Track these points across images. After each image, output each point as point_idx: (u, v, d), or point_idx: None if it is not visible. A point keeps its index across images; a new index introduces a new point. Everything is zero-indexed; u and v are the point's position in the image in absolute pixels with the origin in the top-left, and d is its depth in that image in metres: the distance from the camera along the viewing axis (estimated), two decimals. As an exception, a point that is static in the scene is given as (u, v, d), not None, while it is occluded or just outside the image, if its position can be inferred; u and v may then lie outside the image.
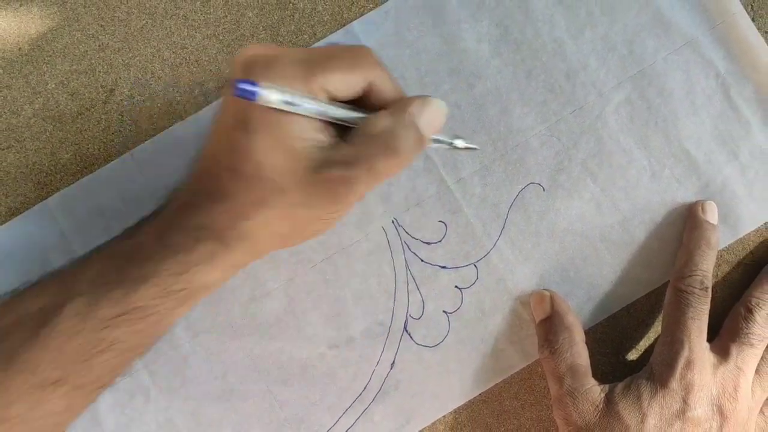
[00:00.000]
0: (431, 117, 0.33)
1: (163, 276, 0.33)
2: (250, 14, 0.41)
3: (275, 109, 0.30)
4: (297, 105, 0.30)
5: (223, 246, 0.33)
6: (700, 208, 0.40)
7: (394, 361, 0.41)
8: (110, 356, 0.33)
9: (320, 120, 0.32)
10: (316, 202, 0.32)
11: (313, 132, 0.32)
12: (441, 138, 0.35)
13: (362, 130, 0.32)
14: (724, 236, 0.41)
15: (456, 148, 0.36)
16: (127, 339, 0.34)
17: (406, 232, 0.41)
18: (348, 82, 0.32)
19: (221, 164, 0.32)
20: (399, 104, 0.33)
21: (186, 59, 0.41)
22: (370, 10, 0.41)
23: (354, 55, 0.33)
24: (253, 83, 0.29)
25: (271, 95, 0.29)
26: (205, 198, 0.33)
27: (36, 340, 0.32)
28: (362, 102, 0.33)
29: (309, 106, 0.31)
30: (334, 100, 0.32)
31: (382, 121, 0.32)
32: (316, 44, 0.41)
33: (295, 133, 0.31)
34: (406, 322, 0.41)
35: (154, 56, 0.41)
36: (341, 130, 0.33)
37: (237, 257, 0.34)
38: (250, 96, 0.29)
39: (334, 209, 0.33)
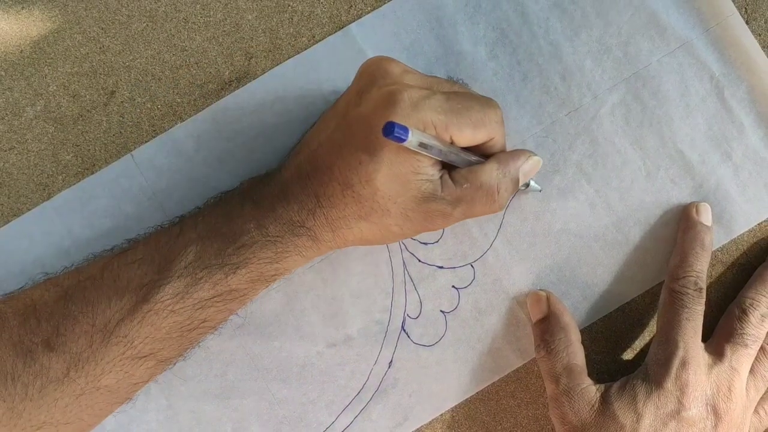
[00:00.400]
0: (530, 170, 0.38)
1: (260, 262, 0.35)
2: (250, 17, 0.41)
3: (406, 148, 0.33)
4: (429, 148, 0.33)
5: (316, 243, 0.36)
6: (694, 209, 0.40)
7: (391, 360, 0.41)
8: (197, 333, 0.36)
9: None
10: (411, 226, 0.36)
11: (428, 168, 0.34)
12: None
13: (472, 177, 0.35)
14: (718, 237, 0.41)
15: (526, 188, 0.40)
16: (215, 317, 0.36)
17: (404, 233, 0.41)
18: (474, 137, 0.35)
19: (335, 174, 0.34)
20: (506, 157, 0.37)
21: (186, 61, 0.41)
22: (368, 12, 0.41)
23: (486, 113, 0.35)
24: (406, 130, 0.30)
25: (413, 139, 0.31)
26: (310, 198, 0.35)
27: (135, 316, 0.34)
28: (474, 147, 0.36)
29: (437, 151, 0.33)
30: (454, 145, 0.35)
31: (492, 173, 0.36)
32: (315, 46, 0.41)
33: (415, 168, 0.34)
34: (403, 321, 0.41)
35: (154, 58, 0.41)
36: (447, 165, 0.36)
37: (322, 249, 0.37)
38: (400, 140, 0.30)
39: (421, 230, 0.37)
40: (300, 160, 0.36)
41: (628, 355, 0.42)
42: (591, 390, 0.37)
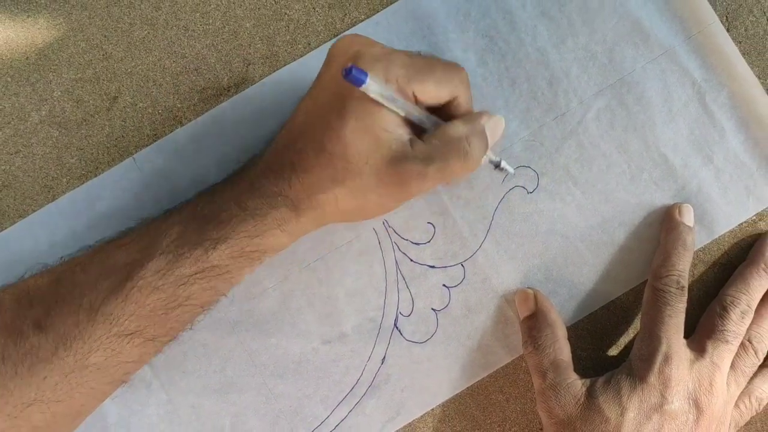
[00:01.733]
0: (495, 128, 0.38)
1: (239, 238, 0.35)
2: (248, 25, 0.41)
3: (371, 100, 0.33)
4: (391, 101, 0.33)
5: (295, 214, 0.35)
6: (676, 210, 0.40)
7: (384, 356, 0.41)
8: (182, 311, 0.35)
9: (404, 118, 0.35)
10: (386, 190, 0.35)
11: (396, 127, 0.34)
12: (491, 157, 0.39)
13: (439, 133, 0.35)
14: (699, 237, 0.41)
15: (499, 168, 0.40)
16: (200, 295, 0.35)
17: (396, 233, 0.41)
18: (437, 93, 0.35)
19: (308, 139, 0.35)
20: (471, 116, 0.37)
21: (186, 68, 0.41)
22: (362, 21, 0.41)
23: (449, 71, 0.36)
24: (364, 73, 0.31)
25: (374, 86, 0.32)
26: (287, 168, 0.35)
27: (119, 294, 0.34)
28: (439, 110, 0.37)
29: (399, 103, 0.34)
30: (419, 104, 0.35)
31: (458, 128, 0.35)
32: (311, 53, 0.41)
33: (383, 124, 0.34)
34: (396, 319, 0.41)
35: (155, 65, 0.41)
36: (416, 130, 0.36)
37: (304, 225, 0.36)
38: (358, 82, 0.31)
39: (400, 198, 0.36)
40: (278, 138, 0.36)
41: (613, 351, 0.42)
42: (577, 384, 0.37)
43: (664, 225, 0.41)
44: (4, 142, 0.41)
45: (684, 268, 0.39)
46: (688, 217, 0.40)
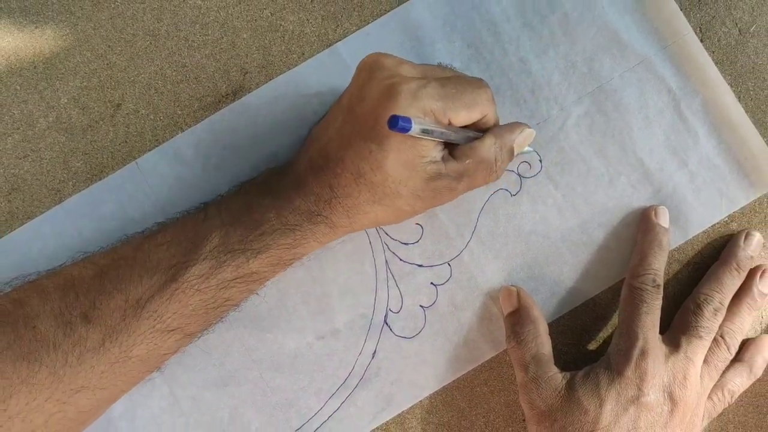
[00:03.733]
0: (524, 142, 0.38)
1: (279, 249, 0.36)
2: (245, 35, 0.41)
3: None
4: (430, 132, 0.33)
5: (332, 229, 0.36)
6: (653, 212, 0.40)
7: (375, 351, 0.41)
8: (221, 310, 0.36)
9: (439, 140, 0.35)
10: (421, 204, 0.36)
11: (431, 150, 0.35)
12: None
13: (472, 152, 0.36)
14: (674, 238, 0.41)
15: (522, 152, 0.40)
16: (237, 296, 0.36)
17: (386, 234, 0.41)
18: (470, 117, 0.36)
19: (347, 165, 0.34)
20: (501, 131, 0.37)
21: (186, 77, 0.41)
22: (353, 32, 0.41)
23: (477, 93, 0.36)
24: (409, 120, 0.31)
25: (416, 128, 0.31)
26: (325, 189, 0.35)
27: (164, 293, 0.34)
28: (470, 125, 0.37)
29: (438, 133, 0.34)
30: (452, 125, 0.35)
31: (490, 147, 0.36)
32: (305, 63, 0.41)
33: (420, 152, 0.34)
34: (386, 315, 0.41)
35: (157, 74, 0.41)
36: (449, 144, 0.36)
37: (338, 234, 0.37)
38: (404, 131, 0.31)
39: (430, 206, 0.37)
40: (312, 154, 0.36)
41: (592, 345, 0.42)
42: (557, 378, 0.37)
43: (640, 226, 0.41)
44: (14, 147, 0.41)
45: (660, 267, 0.39)
46: (663, 218, 0.40)
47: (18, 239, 0.41)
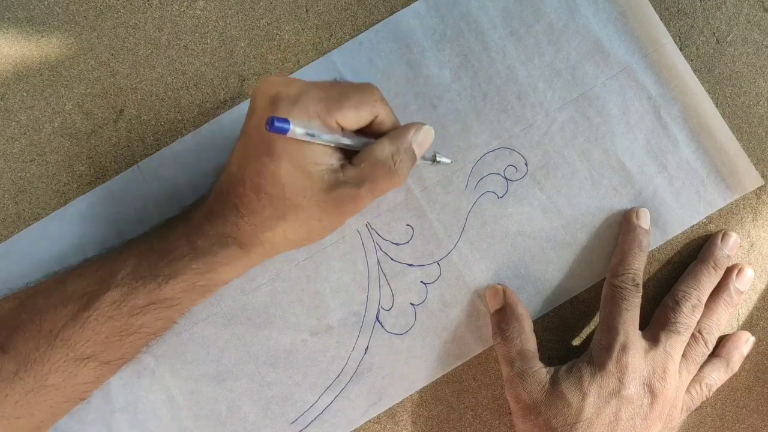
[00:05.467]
0: (423, 140, 0.36)
1: (190, 273, 0.35)
2: (242, 44, 0.42)
3: (297, 139, 0.32)
4: (317, 136, 0.32)
5: (244, 251, 0.35)
6: (634, 214, 0.40)
7: (367, 347, 0.41)
8: (136, 338, 0.35)
9: (332, 147, 0.34)
10: (326, 216, 0.34)
11: (326, 157, 0.33)
12: (425, 155, 0.37)
13: (368, 155, 0.34)
14: (654, 238, 0.41)
15: (436, 162, 0.39)
16: (152, 324, 0.35)
17: (378, 235, 0.41)
18: (358, 117, 0.34)
19: (246, 184, 0.34)
20: (397, 132, 0.35)
21: (186, 83, 0.41)
22: (347, 41, 0.41)
23: (363, 93, 0.34)
24: (286, 121, 0.30)
25: (298, 129, 0.30)
26: (231, 210, 0.34)
27: (76, 322, 0.34)
28: (366, 129, 0.35)
29: (326, 137, 0.33)
30: (345, 130, 0.34)
31: (384, 147, 0.34)
32: (300, 70, 0.41)
33: (313, 159, 0.33)
34: (378, 312, 0.41)
35: (158, 81, 0.41)
36: (347, 153, 0.35)
37: (253, 259, 0.36)
38: (282, 131, 0.30)
39: (340, 218, 0.36)
40: (219, 183, 0.36)
41: (575, 341, 0.42)
42: (542, 372, 0.38)
43: (622, 227, 0.41)
44: (21, 151, 0.41)
45: (639, 267, 0.39)
46: (644, 220, 0.40)
47: (25, 239, 0.41)
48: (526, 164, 0.41)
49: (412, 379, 0.41)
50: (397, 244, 0.41)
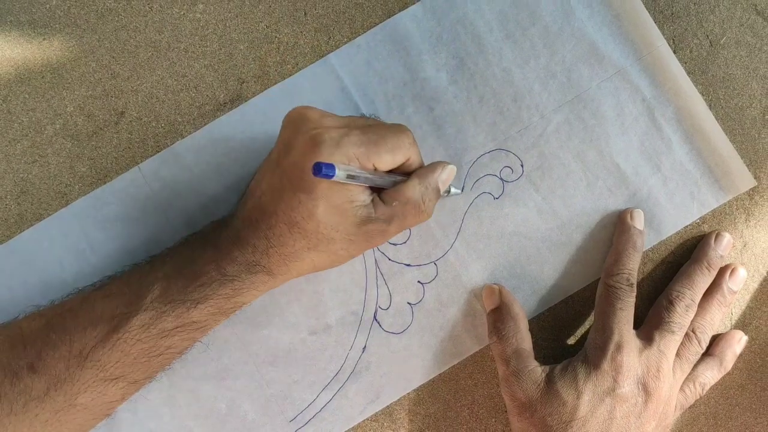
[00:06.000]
0: (447, 178, 0.38)
1: (218, 298, 0.35)
2: (242, 47, 0.42)
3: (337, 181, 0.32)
4: (356, 178, 0.33)
5: (271, 277, 0.36)
6: (628, 215, 0.40)
7: (365, 346, 0.41)
8: (163, 358, 0.36)
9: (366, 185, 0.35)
10: (355, 247, 0.36)
11: (359, 195, 0.35)
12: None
13: (399, 194, 0.36)
14: (648, 238, 0.41)
15: (449, 194, 0.41)
16: (179, 345, 0.36)
17: (376, 235, 0.41)
18: (393, 160, 0.35)
19: (280, 215, 0.34)
20: (425, 172, 0.37)
21: (186, 86, 0.42)
22: (344, 44, 0.41)
23: (399, 138, 0.35)
24: (332, 167, 0.30)
25: (340, 173, 0.31)
26: (261, 240, 0.35)
27: (106, 343, 0.34)
28: (396, 169, 0.36)
29: (363, 178, 0.33)
30: (378, 170, 0.35)
31: (415, 188, 0.36)
32: (299, 72, 0.41)
33: (348, 197, 0.34)
34: (375, 312, 0.41)
35: (158, 83, 0.42)
36: (377, 188, 0.36)
37: (278, 283, 0.37)
38: (328, 177, 0.30)
39: (365, 249, 0.37)
40: (248, 208, 0.36)
41: (571, 340, 0.42)
42: (537, 371, 0.38)
43: (616, 228, 0.41)
44: (23, 152, 0.41)
45: (633, 267, 0.39)
46: (638, 221, 0.40)
47: (27, 239, 0.41)
48: (522, 166, 0.41)
49: (410, 378, 0.41)
50: (394, 245, 0.41)
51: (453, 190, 0.41)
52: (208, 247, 0.36)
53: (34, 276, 0.40)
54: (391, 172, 0.36)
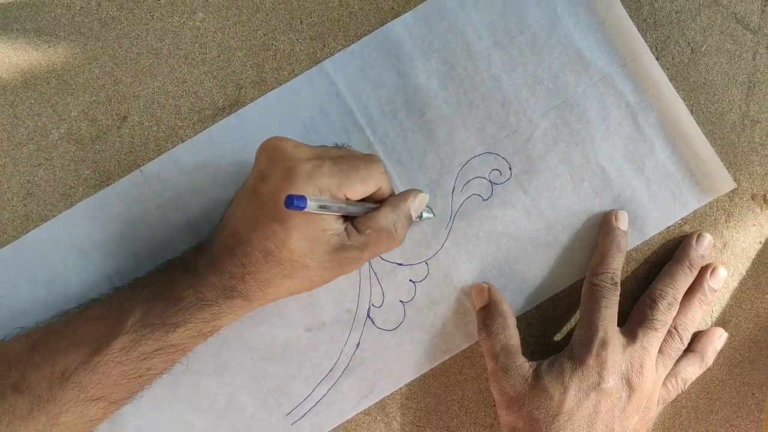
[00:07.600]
0: (419, 206, 0.38)
1: (197, 322, 0.35)
2: (239, 54, 0.42)
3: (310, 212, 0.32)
4: (328, 207, 0.33)
5: (248, 302, 0.36)
6: (613, 216, 0.41)
7: (359, 342, 0.41)
8: (143, 379, 0.36)
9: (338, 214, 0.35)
10: (329, 274, 0.36)
11: (333, 224, 0.35)
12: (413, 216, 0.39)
13: (371, 222, 0.36)
14: (632, 239, 0.41)
15: (421, 219, 0.40)
16: (158, 366, 0.36)
17: (369, 235, 0.41)
18: (365, 190, 0.35)
19: (255, 244, 0.34)
20: (396, 200, 0.37)
21: (186, 91, 0.42)
22: (339, 50, 0.42)
23: (370, 168, 0.35)
24: (303, 199, 0.30)
25: (312, 204, 0.31)
26: (237, 267, 0.35)
27: (88, 365, 0.34)
28: (367, 198, 0.36)
29: (336, 208, 0.34)
30: (350, 200, 0.35)
31: (387, 216, 0.36)
32: (295, 78, 0.41)
33: (321, 227, 0.34)
34: (369, 309, 0.41)
35: (159, 89, 0.42)
36: (350, 217, 0.36)
37: (254, 307, 0.37)
38: (299, 209, 0.30)
39: (339, 275, 0.37)
40: (225, 235, 0.36)
41: (557, 337, 0.42)
42: (525, 366, 0.38)
43: (601, 229, 0.41)
44: (28, 156, 0.41)
45: (618, 266, 0.39)
46: (623, 222, 0.41)
47: (32, 240, 0.41)
48: (510, 168, 0.42)
49: (402, 373, 0.41)
50: (387, 245, 0.41)
51: (425, 215, 0.40)
52: (186, 272, 0.36)
53: (40, 274, 0.41)
54: (363, 200, 0.36)
